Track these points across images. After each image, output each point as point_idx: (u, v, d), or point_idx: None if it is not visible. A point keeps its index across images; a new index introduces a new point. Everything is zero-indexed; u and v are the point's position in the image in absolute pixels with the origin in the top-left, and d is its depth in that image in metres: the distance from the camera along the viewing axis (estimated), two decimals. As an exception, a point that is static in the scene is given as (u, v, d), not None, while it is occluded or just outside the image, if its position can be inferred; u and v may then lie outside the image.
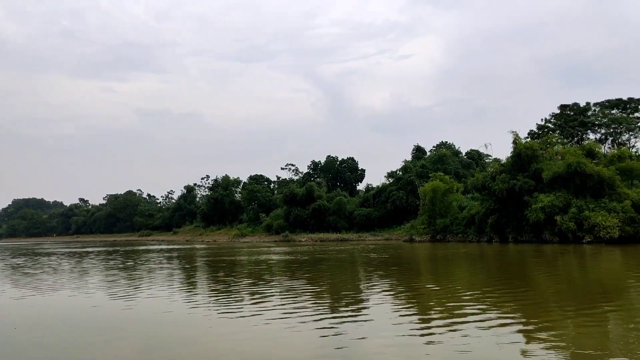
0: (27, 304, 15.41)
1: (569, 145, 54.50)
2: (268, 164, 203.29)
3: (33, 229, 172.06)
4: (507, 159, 46.47)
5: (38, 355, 9.24)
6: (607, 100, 64.50)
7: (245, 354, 8.71)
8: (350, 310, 12.32)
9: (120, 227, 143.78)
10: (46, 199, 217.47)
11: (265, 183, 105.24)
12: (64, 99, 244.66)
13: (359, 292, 15.95)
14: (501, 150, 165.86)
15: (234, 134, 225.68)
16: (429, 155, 77.30)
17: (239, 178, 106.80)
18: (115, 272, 24.72)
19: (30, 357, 9.11)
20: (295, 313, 12.03)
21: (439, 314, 11.57)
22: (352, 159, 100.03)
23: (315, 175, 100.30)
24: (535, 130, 66.90)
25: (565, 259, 26.48)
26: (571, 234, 37.59)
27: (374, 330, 10.14)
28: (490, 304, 12.72)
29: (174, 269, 26.65)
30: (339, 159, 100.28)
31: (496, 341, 8.89)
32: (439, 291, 15.74)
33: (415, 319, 11.11)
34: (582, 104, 65.56)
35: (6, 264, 34.43)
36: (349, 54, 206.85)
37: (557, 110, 66.72)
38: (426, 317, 11.27)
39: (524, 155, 43.91)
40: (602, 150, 50.67)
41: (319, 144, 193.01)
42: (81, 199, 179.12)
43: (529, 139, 55.64)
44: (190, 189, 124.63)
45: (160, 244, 74.15)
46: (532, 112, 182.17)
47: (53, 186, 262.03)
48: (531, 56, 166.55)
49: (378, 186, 75.85)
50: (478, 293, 14.80)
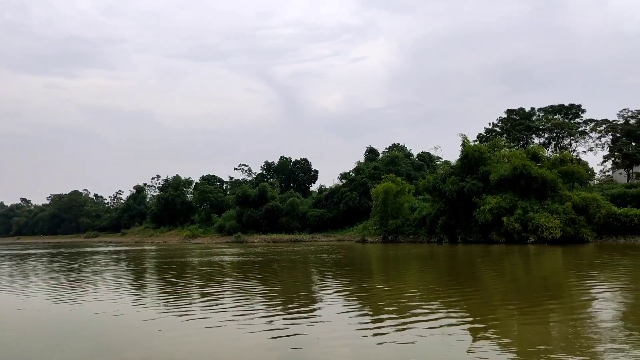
0: (-37, 309, 14.62)
1: (515, 148, 56.30)
2: (221, 164, 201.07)
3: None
4: (457, 161, 47.65)
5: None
6: (551, 106, 67.13)
7: (195, 357, 8.54)
8: (303, 311, 12.29)
9: (65, 228, 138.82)
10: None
11: (218, 183, 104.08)
12: (5, 94, 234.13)
13: (312, 293, 15.96)
14: (452, 152, 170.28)
15: (186, 134, 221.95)
16: (381, 157, 78.25)
17: (190, 178, 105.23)
18: (59, 275, 23.79)
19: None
20: (247, 314, 11.90)
21: (390, 313, 11.69)
22: (306, 160, 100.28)
23: (269, 176, 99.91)
24: (483, 133, 68.86)
25: (511, 259, 27.33)
26: (517, 235, 38.87)
27: (326, 331, 10.14)
28: (440, 303, 12.96)
29: (121, 271, 25.90)
30: (293, 160, 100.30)
31: (444, 340, 9.05)
32: (390, 291, 15.93)
33: (367, 319, 11.19)
34: (528, 109, 68.01)
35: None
36: (303, 55, 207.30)
37: (504, 115, 68.92)
38: (377, 317, 11.37)
39: (472, 158, 45.11)
40: (546, 153, 52.57)
41: (272, 144, 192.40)
42: (23, 199, 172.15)
43: (478, 142, 57.19)
44: (140, 189, 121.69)
45: (107, 246, 71.97)
46: (481, 116, 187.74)
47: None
48: (480, 61, 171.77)
49: (331, 187, 76.27)
50: (428, 293, 15.08)
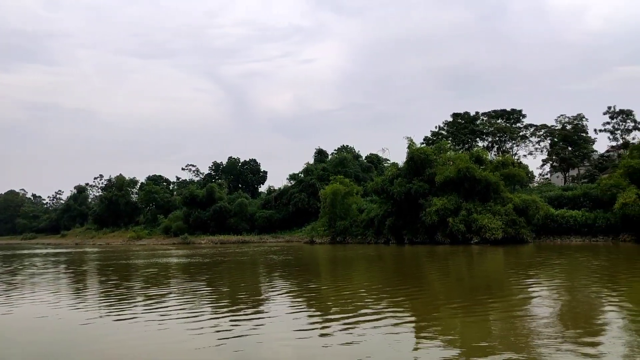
0: None
1: (460, 151, 57.83)
2: (167, 164, 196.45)
3: None
4: (404, 163, 48.44)
5: None
6: (494, 111, 69.38)
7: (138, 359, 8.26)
8: (250, 312, 12.14)
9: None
10: None
11: (164, 184, 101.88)
12: None
13: (259, 294, 15.80)
14: (400, 155, 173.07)
15: (131, 133, 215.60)
16: (330, 159, 78.69)
17: (135, 178, 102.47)
18: (-9, 279, 22.57)
19: None
20: (193, 316, 11.64)
21: (337, 313, 11.71)
22: (255, 160, 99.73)
23: (217, 177, 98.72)
24: (430, 136, 70.37)
25: (455, 259, 28.00)
26: (461, 235, 39.90)
27: (273, 332, 10.06)
28: (386, 303, 13.09)
29: (61, 274, 24.85)
30: (241, 161, 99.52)
31: (390, 339, 9.13)
32: (338, 291, 15.99)
33: (313, 319, 11.16)
34: (472, 113, 70.03)
35: None
36: (252, 56, 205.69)
37: (450, 119, 70.69)
38: (324, 317, 11.36)
39: (418, 160, 45.98)
40: (489, 157, 54.24)
41: (221, 145, 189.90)
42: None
43: (425, 145, 58.39)
44: (81, 189, 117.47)
45: (46, 248, 69.04)
46: (429, 119, 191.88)
47: None
48: (428, 66, 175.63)
49: (280, 188, 76.08)
50: (374, 293, 15.22)
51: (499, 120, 68.87)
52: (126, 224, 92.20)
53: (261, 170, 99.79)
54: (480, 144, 68.38)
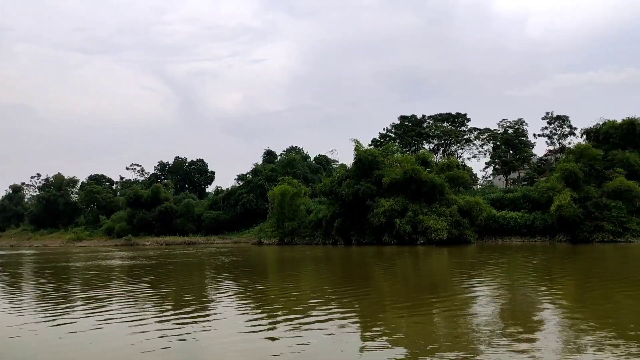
0: None
1: (407, 153, 58.88)
2: (111, 164, 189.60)
3: None
4: (352, 165, 48.90)
5: None
6: (440, 114, 71.09)
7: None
8: (196, 314, 11.93)
9: None
10: None
11: (107, 183, 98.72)
12: None
13: (206, 296, 15.57)
14: (349, 156, 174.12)
15: (72, 130, 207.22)
16: (279, 159, 78.50)
17: (75, 177, 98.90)
18: None
19: None
20: (136, 319, 11.32)
21: (284, 315, 11.68)
22: (202, 160, 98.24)
23: (163, 177, 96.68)
24: (378, 138, 71.36)
25: (402, 260, 28.51)
26: (407, 236, 40.63)
27: (219, 334, 9.93)
28: (333, 304, 13.16)
29: (-7, 278, 23.62)
30: (188, 161, 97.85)
31: (337, 340, 9.18)
32: (285, 293, 15.97)
33: (261, 321, 11.08)
34: (419, 116, 71.50)
35: None
36: (201, 54, 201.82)
37: (398, 121, 71.93)
38: (271, 319, 11.30)
39: (366, 162, 46.52)
40: (435, 159, 55.48)
41: (167, 144, 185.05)
42: None
43: (373, 147, 59.13)
44: (17, 189, 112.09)
45: (-22, 250, 65.56)
46: (378, 121, 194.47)
47: None
48: (377, 69, 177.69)
49: (228, 189, 75.25)
50: (322, 294, 15.28)
51: (444, 124, 70.63)
52: (65, 225, 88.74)
53: (209, 170, 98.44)
54: (426, 146, 69.88)
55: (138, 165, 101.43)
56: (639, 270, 20.98)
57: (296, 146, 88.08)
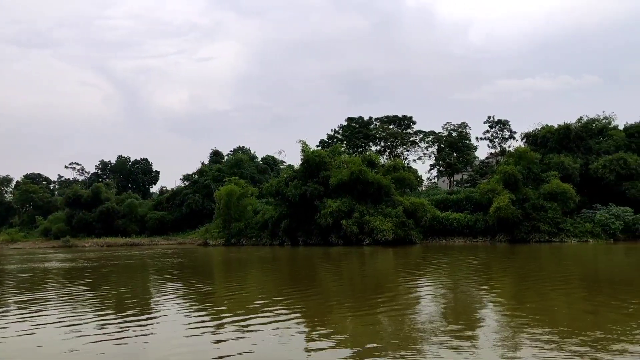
0: None
1: (354, 155, 59.43)
2: (48, 162, 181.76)
3: None
4: (299, 166, 48.91)
5: None
6: (386, 116, 72.19)
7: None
8: (137, 317, 11.59)
9: None
10: None
11: (44, 183, 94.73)
12: None
13: (149, 298, 15.16)
14: (297, 157, 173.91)
15: (7, 127, 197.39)
16: (226, 160, 77.63)
17: (9, 176, 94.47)
18: None
19: None
20: (75, 323, 10.88)
21: (230, 317, 11.53)
22: (146, 160, 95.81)
23: (104, 176, 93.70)
24: (325, 139, 71.73)
25: (348, 260, 28.74)
26: (354, 237, 41.01)
27: (161, 337, 9.71)
28: (280, 305, 13.10)
29: None
30: (132, 160, 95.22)
31: (283, 341, 9.14)
32: (231, 294, 15.78)
33: (205, 324, 10.88)
34: (366, 118, 72.38)
35: None
36: (146, 51, 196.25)
37: (345, 122, 72.54)
38: (217, 321, 11.13)
39: (313, 163, 46.66)
40: (381, 160, 56.22)
41: (109, 143, 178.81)
42: None
43: (320, 148, 59.35)
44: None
45: None
46: (324, 122, 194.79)
47: None
48: (325, 70, 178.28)
49: (173, 189, 73.83)
50: (269, 295, 15.19)
51: (391, 126, 71.78)
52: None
53: (153, 170, 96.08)
54: (373, 148, 70.78)
55: (78, 164, 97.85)
56: (572, 269, 22.00)
57: (244, 146, 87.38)
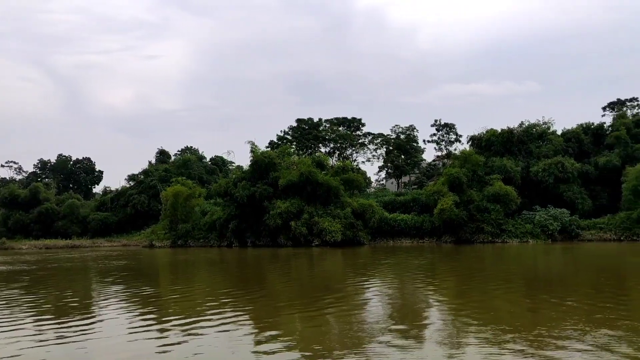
0: None
1: (304, 156, 59.47)
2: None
3: None
4: (248, 166, 48.52)
5: None
6: (336, 118, 72.73)
7: None
8: (78, 321, 11.13)
9: None
10: None
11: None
12: None
13: (90, 301, 14.63)
14: (246, 157, 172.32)
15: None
16: (173, 160, 76.24)
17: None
18: None
19: None
20: (8, 330, 10.31)
21: (176, 320, 11.24)
22: (89, 159, 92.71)
23: (44, 176, 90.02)
24: (275, 140, 71.51)
25: (297, 262, 28.71)
26: (303, 238, 41.03)
27: (105, 341, 9.35)
28: (227, 307, 12.90)
29: None
30: (73, 159, 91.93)
31: (231, 344, 9.01)
32: (177, 297, 15.43)
33: (150, 327, 10.57)
34: (316, 119, 72.64)
35: None
36: (89, 47, 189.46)
37: (295, 124, 72.57)
38: (162, 324, 10.83)
39: (262, 164, 46.39)
40: (331, 162, 56.49)
41: (49, 141, 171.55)
42: None
43: (270, 149, 59.09)
44: None
45: None
46: (274, 123, 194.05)
47: None
48: (275, 71, 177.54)
49: (117, 189, 71.76)
50: (216, 297, 14.94)
51: (340, 128, 72.36)
52: None
53: (96, 169, 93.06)
54: (322, 149, 71.13)
55: (15, 162, 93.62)
56: (513, 269, 22.79)
57: (192, 146, 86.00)
